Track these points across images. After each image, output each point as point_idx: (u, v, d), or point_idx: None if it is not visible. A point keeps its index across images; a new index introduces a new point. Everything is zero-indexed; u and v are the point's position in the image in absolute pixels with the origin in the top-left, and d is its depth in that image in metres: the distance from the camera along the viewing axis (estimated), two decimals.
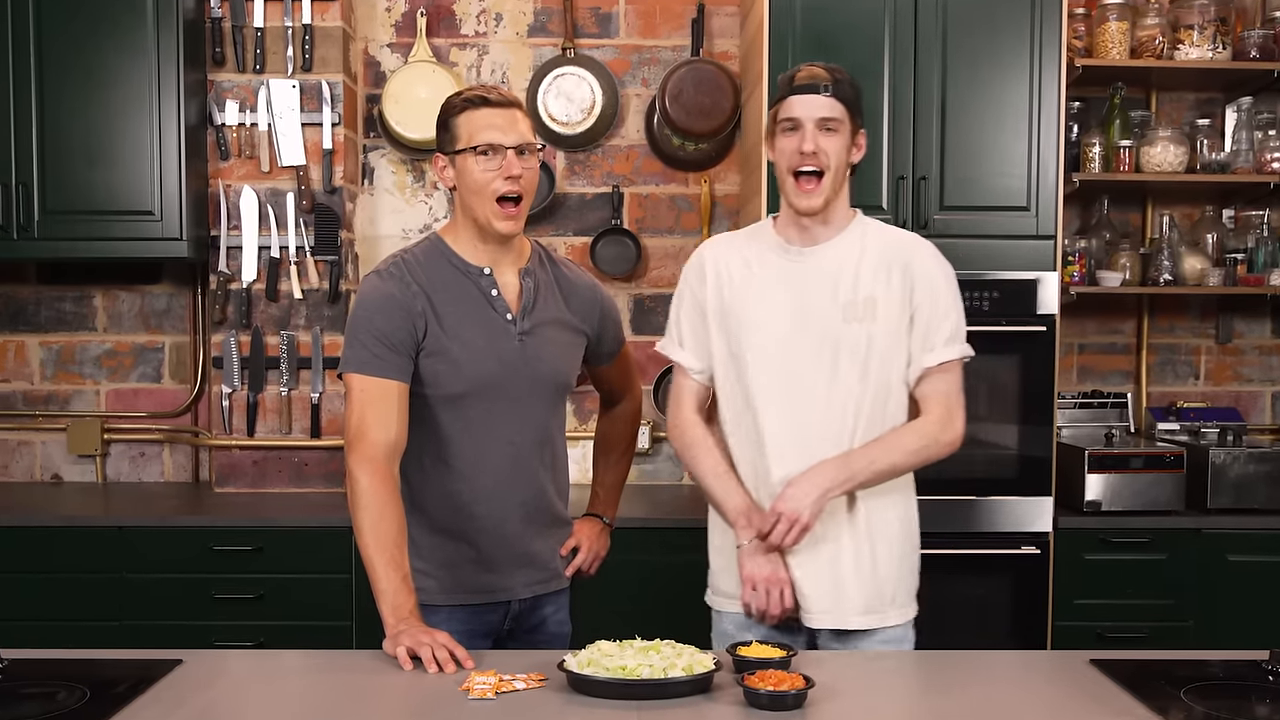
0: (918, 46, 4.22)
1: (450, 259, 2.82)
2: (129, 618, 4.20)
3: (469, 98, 2.79)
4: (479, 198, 2.76)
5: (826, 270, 2.84)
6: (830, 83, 2.78)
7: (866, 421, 2.80)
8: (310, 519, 4.25)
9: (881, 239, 2.89)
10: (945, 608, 4.09)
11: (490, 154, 2.74)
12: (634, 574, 3.30)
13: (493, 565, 2.83)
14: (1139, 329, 5.08)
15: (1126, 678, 2.41)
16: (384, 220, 5.03)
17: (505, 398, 2.80)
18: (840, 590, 2.81)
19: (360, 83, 4.97)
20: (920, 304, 2.83)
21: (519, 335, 2.81)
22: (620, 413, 3.29)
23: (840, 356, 2.79)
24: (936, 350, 2.83)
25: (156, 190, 4.48)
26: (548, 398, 2.88)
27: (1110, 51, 4.57)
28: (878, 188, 4.22)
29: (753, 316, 2.85)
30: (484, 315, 2.80)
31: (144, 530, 4.23)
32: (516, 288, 2.85)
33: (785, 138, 2.81)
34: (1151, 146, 4.61)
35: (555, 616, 2.98)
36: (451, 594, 2.82)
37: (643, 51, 5.02)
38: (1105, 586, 4.30)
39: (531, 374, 2.82)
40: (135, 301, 5.03)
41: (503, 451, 2.82)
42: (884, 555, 2.85)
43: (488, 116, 2.76)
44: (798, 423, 2.80)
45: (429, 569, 2.81)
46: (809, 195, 2.79)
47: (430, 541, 2.82)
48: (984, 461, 4.29)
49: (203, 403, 5.02)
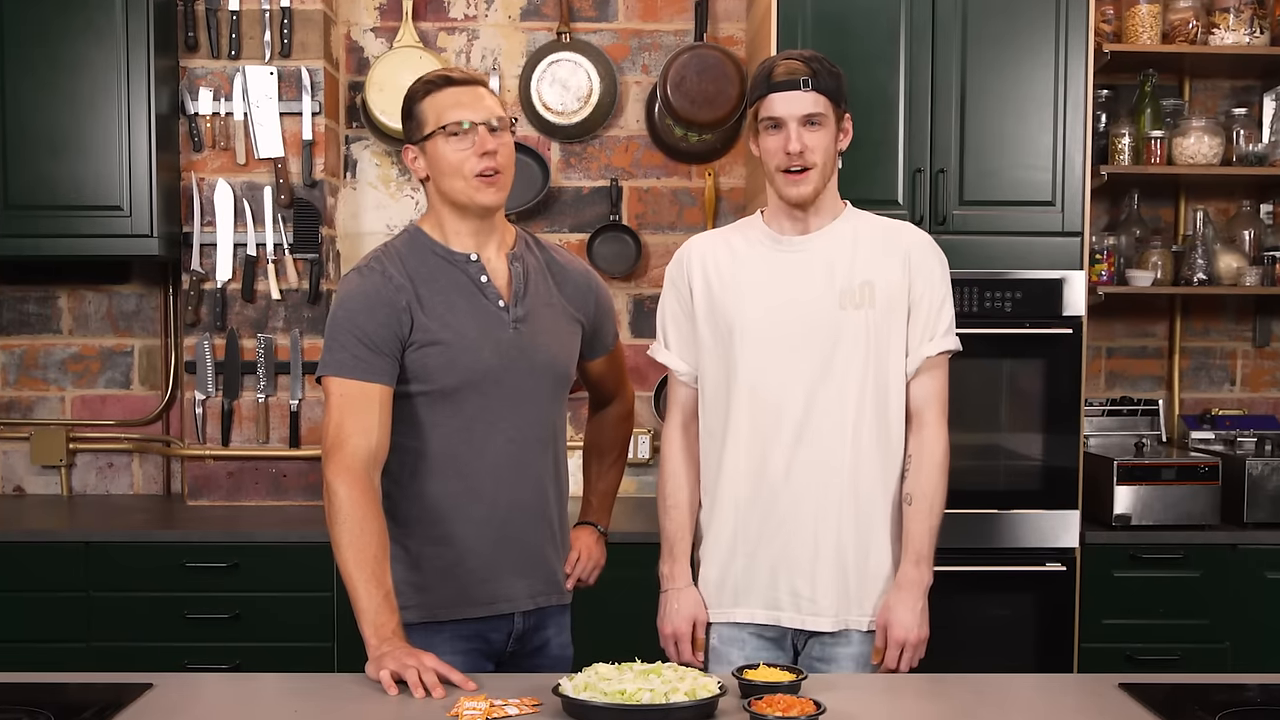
0: (935, 30, 4.23)
1: (433, 248, 2.83)
2: (96, 639, 4.20)
3: (430, 79, 2.82)
4: (454, 179, 2.77)
5: (821, 257, 2.91)
6: (810, 76, 2.84)
7: (872, 414, 2.88)
8: (289, 534, 4.25)
9: (876, 225, 2.98)
10: (965, 628, 4.11)
11: (461, 133, 2.75)
12: (633, 591, 3.29)
13: (494, 572, 2.83)
14: (1171, 331, 5.08)
15: (1158, 703, 2.41)
16: (367, 216, 5.03)
17: (502, 391, 2.79)
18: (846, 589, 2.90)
19: (342, 69, 4.98)
20: (921, 294, 2.92)
21: (513, 323, 2.82)
22: (612, 415, 3.28)
23: (838, 344, 2.86)
24: (936, 340, 2.92)
25: (125, 184, 4.48)
26: (547, 390, 2.88)
27: (1141, 36, 4.57)
28: (893, 181, 4.23)
29: (744, 308, 2.91)
30: (475, 304, 2.80)
31: (112, 546, 4.23)
32: (505, 274, 2.86)
33: (769, 136, 2.88)
34: (1184, 137, 4.62)
35: (558, 639, 2.98)
36: (453, 607, 2.80)
37: (643, 36, 5.03)
38: (1135, 606, 4.30)
39: (529, 365, 2.83)
40: (103, 302, 5.03)
41: (502, 449, 2.81)
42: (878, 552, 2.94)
43: (453, 96, 2.78)
44: (797, 415, 2.86)
45: (427, 581, 2.80)
46: (799, 184, 2.86)
47: (427, 551, 2.80)
48: (1006, 473, 4.30)
49: (174, 410, 5.02)
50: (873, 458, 2.88)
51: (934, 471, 2.91)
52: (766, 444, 2.88)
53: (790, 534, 2.88)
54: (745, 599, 2.93)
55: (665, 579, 3.02)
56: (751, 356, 2.89)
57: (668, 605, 2.99)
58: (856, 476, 2.87)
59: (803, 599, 2.89)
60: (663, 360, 3.06)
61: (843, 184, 3.04)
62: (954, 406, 3.01)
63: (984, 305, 4.22)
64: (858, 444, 2.87)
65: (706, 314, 2.96)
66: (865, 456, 2.87)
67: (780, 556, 2.89)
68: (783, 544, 2.89)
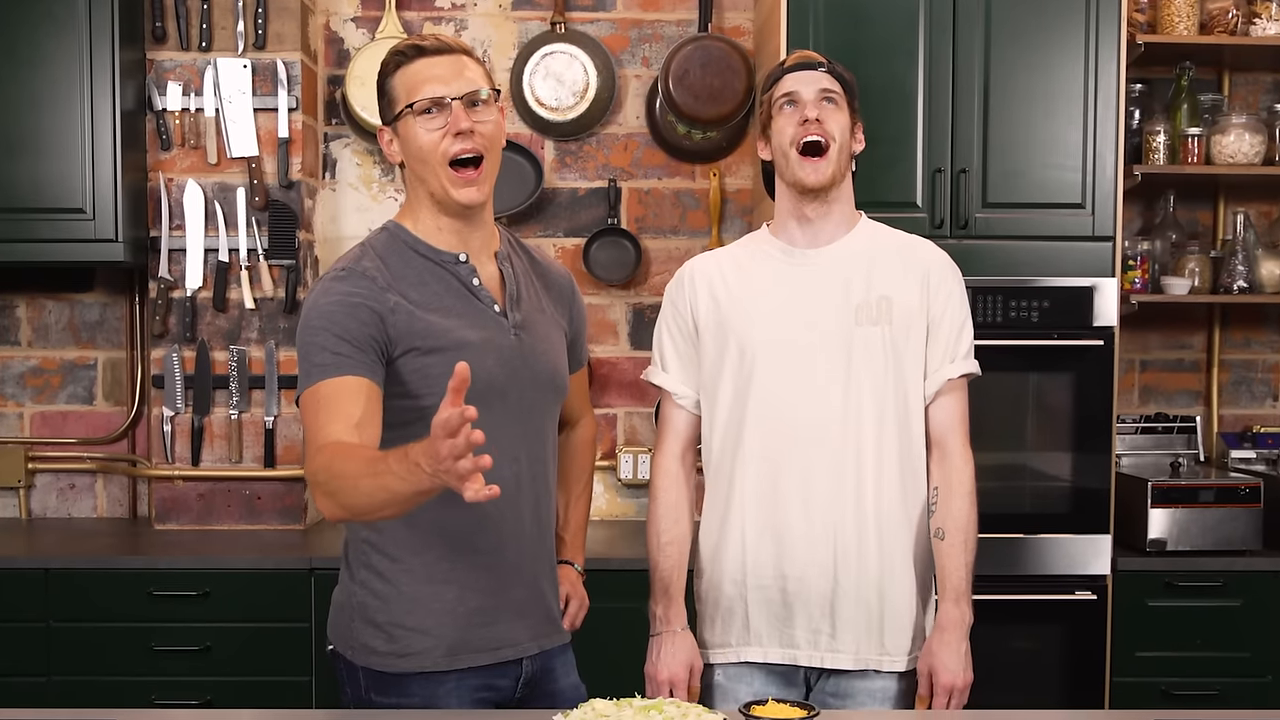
0: (957, 19, 4.26)
1: (416, 247, 2.71)
2: (57, 672, 4.21)
3: (400, 49, 2.68)
4: (428, 166, 2.64)
5: (835, 271, 2.94)
6: (825, 63, 2.94)
7: (894, 437, 2.91)
8: (264, 560, 4.27)
9: (894, 239, 3.02)
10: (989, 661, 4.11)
11: (434, 110, 2.62)
12: (629, 622, 3.30)
13: (498, 613, 2.73)
14: (1209, 343, 5.11)
15: None
16: (347, 219, 5.06)
17: (506, 405, 2.67)
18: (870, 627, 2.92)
19: (321, 62, 5.01)
20: (941, 314, 2.95)
21: (514, 330, 2.72)
22: (579, 439, 3.17)
23: (854, 361, 2.89)
24: (958, 362, 2.96)
25: (88, 185, 4.50)
26: (547, 404, 2.82)
27: (1177, 26, 4.60)
28: (910, 183, 4.25)
29: (755, 325, 2.94)
30: (471, 308, 2.69)
31: (74, 573, 4.25)
32: (497, 276, 2.76)
33: (783, 115, 2.93)
34: (1224, 135, 4.64)
35: (568, 679, 2.89)
36: (455, 655, 2.70)
37: (643, 26, 5.06)
38: (1171, 637, 4.32)
39: (532, 375, 2.74)
40: (64, 312, 5.05)
41: (506, 469, 2.61)
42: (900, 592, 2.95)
43: (426, 68, 2.64)
44: (813, 439, 2.89)
45: (429, 626, 2.69)
46: (816, 167, 2.89)
47: (426, 591, 2.69)
48: (1032, 495, 4.33)
49: (141, 427, 5.04)
50: (894, 483, 2.91)
51: (964, 502, 2.93)
52: (780, 470, 2.90)
53: (806, 567, 2.89)
54: (758, 637, 2.95)
55: (658, 621, 3.01)
56: (764, 377, 2.91)
57: (662, 650, 2.98)
58: (879, 504, 2.89)
59: (821, 636, 2.90)
60: (660, 383, 3.07)
61: (856, 186, 3.06)
62: (976, 423, 3.04)
63: (1009, 315, 4.24)
64: (880, 469, 2.89)
65: (713, 334, 2.98)
66: (887, 482, 2.90)
67: (796, 591, 2.90)
68: (799, 578, 2.90)
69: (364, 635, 2.71)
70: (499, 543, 2.72)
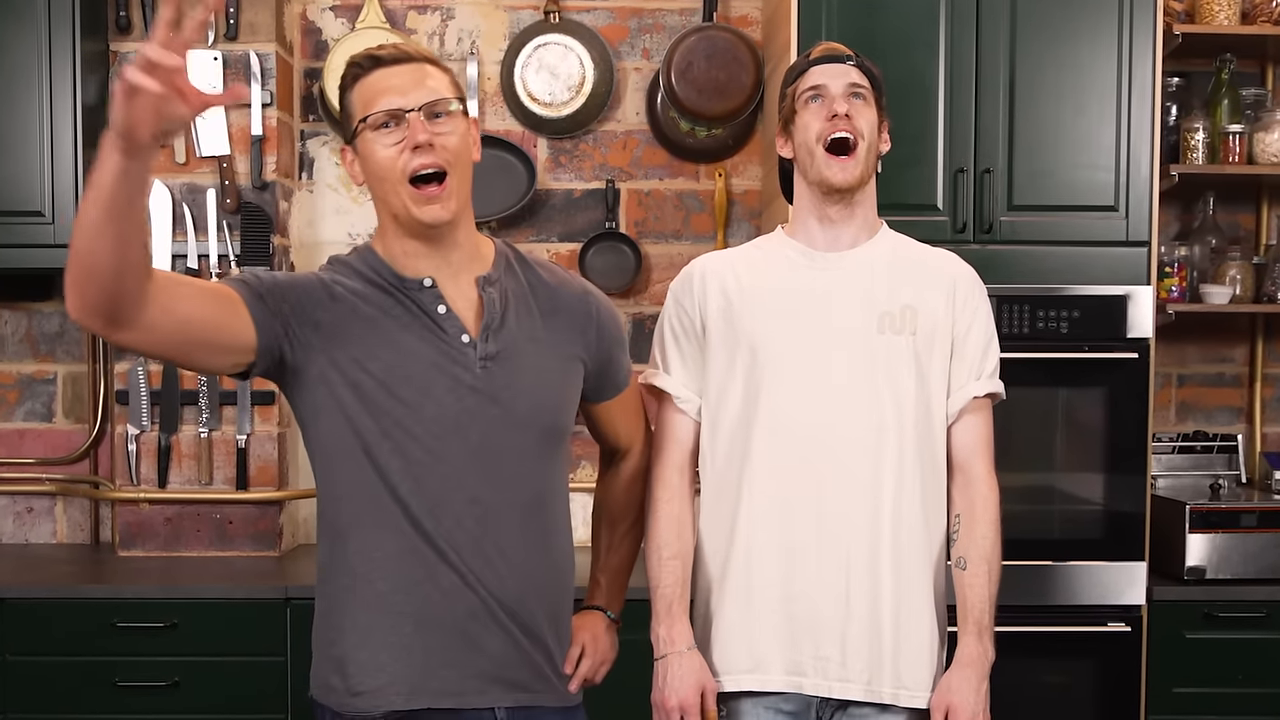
0: (980, 8, 4.25)
1: (380, 273, 2.66)
2: (13, 709, 4.20)
3: (356, 61, 2.64)
4: (387, 184, 2.59)
5: (858, 276, 2.94)
6: (853, 56, 2.95)
7: (915, 454, 2.89)
8: (235, 589, 4.25)
9: (918, 250, 3.04)
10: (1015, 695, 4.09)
11: (391, 124, 2.57)
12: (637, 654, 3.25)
13: (462, 655, 2.63)
14: (1251, 356, 5.10)
15: None
16: (326, 222, 5.05)
17: (465, 443, 2.60)
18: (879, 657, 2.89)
19: (297, 54, 5.00)
20: (967, 329, 2.96)
21: (481, 361, 2.64)
22: (626, 472, 3.07)
23: (876, 371, 2.88)
24: (984, 380, 2.96)
25: (47, 186, 4.50)
26: (526, 445, 2.69)
27: (1217, 16, 4.60)
28: (931, 183, 4.24)
29: (770, 329, 2.93)
30: (426, 340, 2.62)
31: (31, 603, 4.22)
32: (475, 301, 2.67)
33: (808, 110, 2.92)
34: (1267, 132, 4.64)
35: None
36: (414, 694, 2.62)
37: (643, 16, 5.05)
38: (1211, 672, 4.31)
39: (502, 413, 2.64)
40: (20, 322, 5.04)
41: (464, 511, 2.60)
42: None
43: (382, 79, 2.59)
44: (829, 452, 2.88)
45: (384, 661, 2.61)
46: (844, 166, 2.88)
47: (381, 624, 2.62)
48: (1063, 519, 4.31)
49: (104, 447, 5.03)
50: (915, 504, 2.89)
51: (990, 531, 2.93)
52: (792, 485, 2.89)
53: (817, 589, 2.87)
54: (761, 663, 2.92)
55: (663, 642, 2.96)
56: (777, 384, 2.90)
57: (669, 673, 2.93)
58: (897, 525, 2.87)
59: (830, 663, 2.88)
60: (661, 386, 3.05)
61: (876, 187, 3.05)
62: (1001, 442, 3.04)
63: (1036, 326, 4.23)
64: (899, 487, 2.88)
65: (723, 335, 2.97)
66: (907, 500, 2.88)
67: (805, 615, 2.88)
68: (808, 601, 2.88)
69: (323, 670, 2.67)
70: (461, 594, 2.62)
